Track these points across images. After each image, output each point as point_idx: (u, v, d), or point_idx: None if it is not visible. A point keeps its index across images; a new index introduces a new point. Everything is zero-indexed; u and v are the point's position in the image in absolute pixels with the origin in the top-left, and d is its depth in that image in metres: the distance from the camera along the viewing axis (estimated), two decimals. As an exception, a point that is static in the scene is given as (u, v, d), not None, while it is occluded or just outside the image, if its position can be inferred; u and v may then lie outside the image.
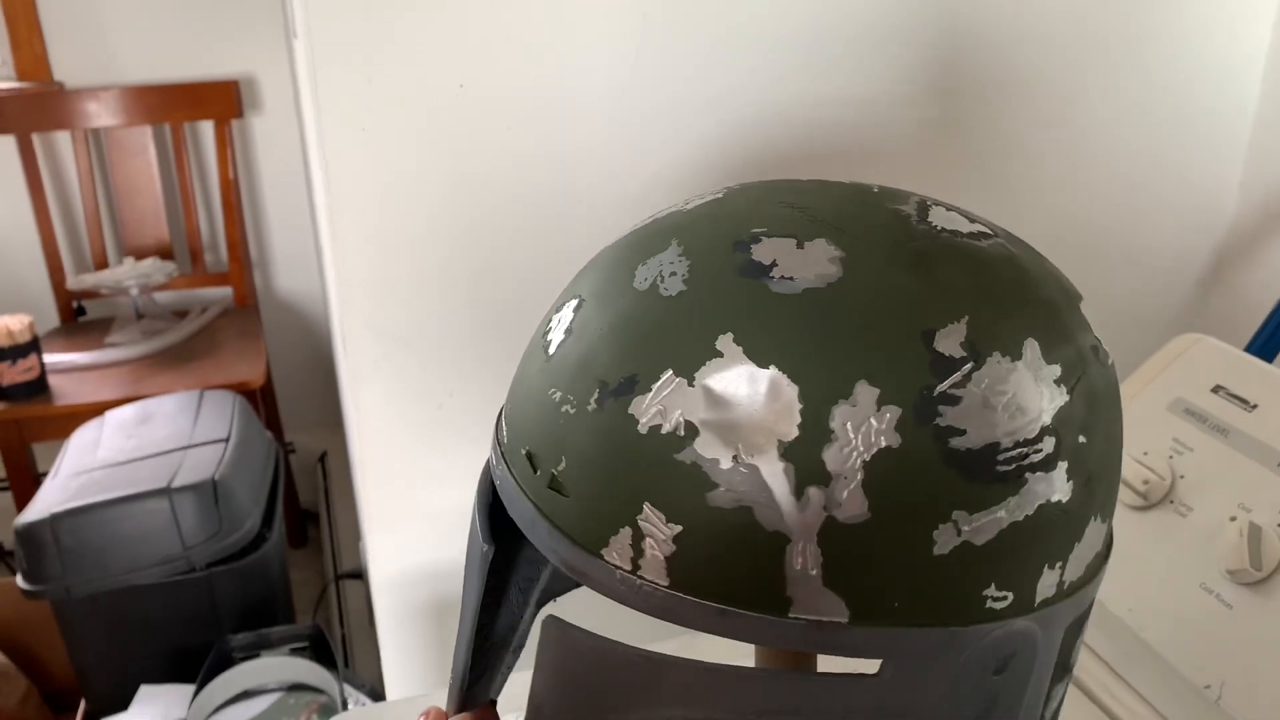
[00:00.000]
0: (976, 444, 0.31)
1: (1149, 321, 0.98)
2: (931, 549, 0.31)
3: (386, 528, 0.83)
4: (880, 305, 0.32)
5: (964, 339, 0.32)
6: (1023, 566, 0.33)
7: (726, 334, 0.32)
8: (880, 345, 0.32)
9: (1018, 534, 0.32)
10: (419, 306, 0.76)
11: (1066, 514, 0.33)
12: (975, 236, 0.36)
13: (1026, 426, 0.32)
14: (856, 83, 0.80)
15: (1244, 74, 0.92)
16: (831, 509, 0.31)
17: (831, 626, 0.31)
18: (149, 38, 1.96)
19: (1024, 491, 0.32)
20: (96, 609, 1.34)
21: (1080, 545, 0.34)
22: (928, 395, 0.31)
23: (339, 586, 1.78)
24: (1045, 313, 0.35)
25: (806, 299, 0.32)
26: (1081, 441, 0.34)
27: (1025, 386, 0.33)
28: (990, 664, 0.33)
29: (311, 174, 1.33)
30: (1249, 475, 0.61)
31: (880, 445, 0.31)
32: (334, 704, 1.29)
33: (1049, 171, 0.90)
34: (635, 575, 0.33)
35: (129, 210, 2.00)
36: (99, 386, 1.74)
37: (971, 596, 0.32)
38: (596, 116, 0.75)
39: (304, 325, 2.22)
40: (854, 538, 0.31)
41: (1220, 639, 0.58)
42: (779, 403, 0.31)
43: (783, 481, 0.31)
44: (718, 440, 0.32)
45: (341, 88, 0.69)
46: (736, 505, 0.31)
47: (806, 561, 0.31)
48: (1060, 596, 0.34)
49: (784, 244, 0.34)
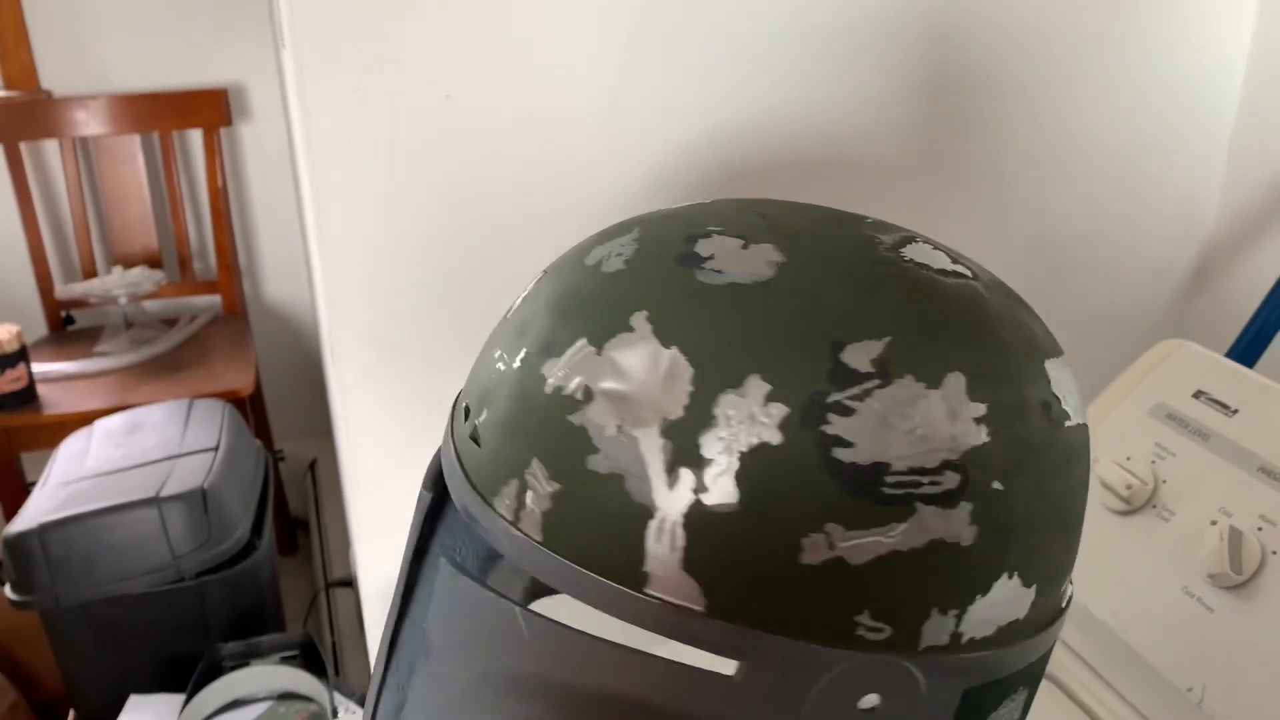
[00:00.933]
0: (863, 460, 0.31)
1: (1131, 327, 0.99)
2: (799, 556, 0.31)
3: (375, 535, 0.83)
4: (797, 309, 0.33)
5: (876, 356, 0.32)
6: (905, 601, 0.31)
7: (641, 312, 0.33)
8: (783, 344, 0.32)
9: (901, 564, 0.31)
10: (407, 314, 0.76)
11: (966, 559, 0.32)
12: (946, 274, 0.35)
13: (925, 455, 0.31)
14: (840, 90, 0.81)
15: (1225, 80, 0.93)
16: (700, 493, 0.31)
17: (686, 612, 0.31)
18: (137, 46, 1.96)
19: (912, 521, 0.31)
20: (86, 619, 1.34)
21: (985, 599, 0.32)
22: (818, 400, 0.31)
23: (329, 594, 1.78)
24: (989, 354, 0.33)
25: (727, 291, 0.33)
26: (997, 488, 0.32)
27: (934, 416, 0.31)
28: (854, 695, 0.31)
29: (300, 182, 1.34)
30: (1230, 480, 0.61)
31: (760, 439, 0.31)
32: (324, 713, 1.29)
33: (1031, 178, 0.90)
34: (514, 527, 0.34)
35: (117, 219, 2.00)
36: (87, 396, 1.73)
37: (839, 617, 0.31)
38: (584, 125, 0.75)
39: (293, 333, 2.22)
40: (719, 526, 0.31)
41: (1202, 642, 0.58)
42: (672, 382, 0.32)
43: (658, 457, 0.31)
44: (608, 408, 0.32)
45: (328, 97, 0.70)
46: (610, 472, 0.32)
47: (668, 540, 0.31)
48: (955, 649, 0.32)
49: (730, 243, 0.35)
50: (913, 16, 0.81)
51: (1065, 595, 0.37)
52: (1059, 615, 0.37)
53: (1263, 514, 0.59)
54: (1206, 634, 0.58)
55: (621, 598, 0.32)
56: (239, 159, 2.09)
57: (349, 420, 0.78)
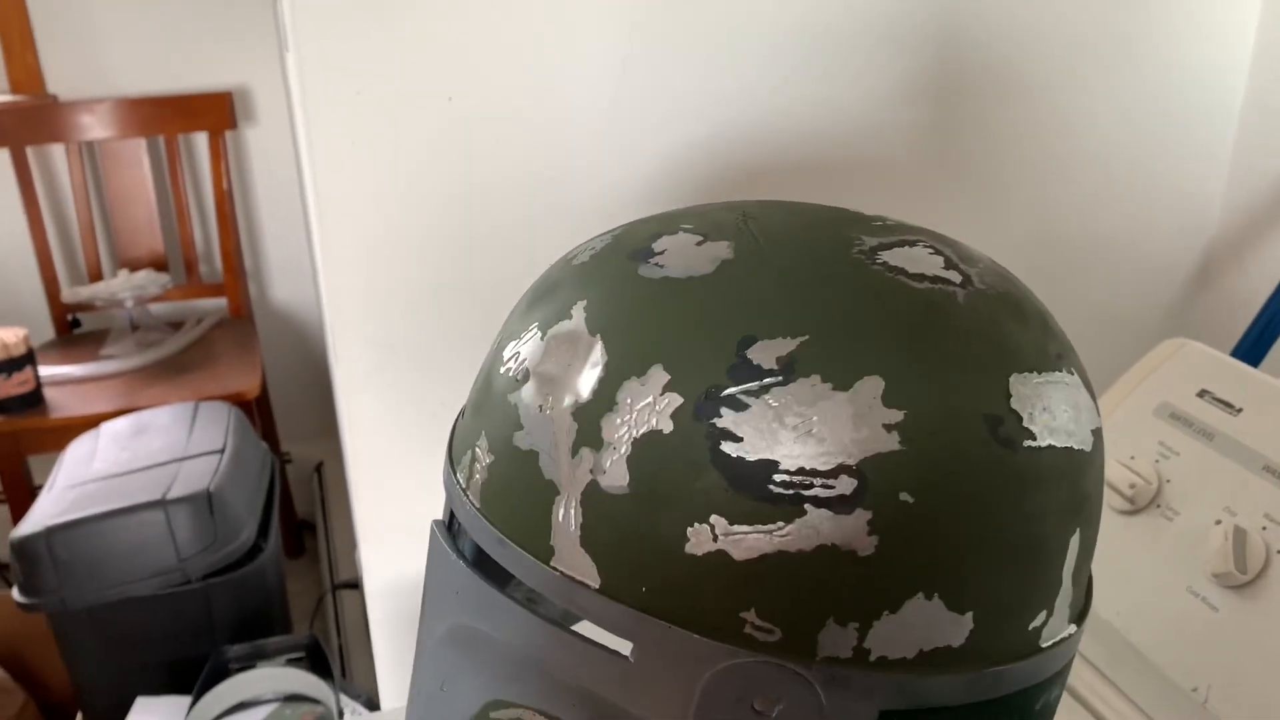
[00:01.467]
0: (750, 455, 0.31)
1: (1136, 326, 0.99)
2: (684, 544, 0.31)
3: (380, 537, 0.83)
4: (717, 304, 0.33)
5: (784, 355, 0.31)
6: (794, 604, 0.31)
7: (581, 301, 0.35)
8: (691, 338, 0.33)
9: (788, 565, 0.30)
10: (410, 316, 0.76)
11: (863, 570, 0.31)
12: (923, 278, 0.34)
13: (820, 457, 0.30)
14: (846, 89, 0.81)
15: (1229, 79, 0.93)
16: (597, 474, 0.32)
17: (582, 587, 0.33)
18: (142, 50, 1.96)
19: (800, 523, 0.30)
20: (93, 621, 1.34)
21: (894, 617, 0.31)
22: (714, 394, 0.31)
23: (335, 597, 1.78)
24: (921, 361, 0.32)
25: (658, 285, 0.34)
26: (905, 500, 0.31)
27: (837, 418, 0.31)
28: (744, 697, 0.31)
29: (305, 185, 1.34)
30: (1234, 479, 0.61)
31: (651, 426, 0.32)
32: (330, 715, 1.29)
33: (1036, 176, 0.90)
34: (464, 493, 0.37)
35: (123, 222, 2.01)
36: (94, 399, 1.74)
37: (725, 611, 0.31)
38: (586, 127, 0.76)
39: (299, 335, 2.23)
40: (611, 507, 0.32)
41: (1207, 642, 0.58)
42: (588, 368, 0.34)
43: (566, 437, 0.33)
44: (537, 389, 0.35)
45: (330, 99, 0.70)
46: (530, 448, 0.34)
47: (569, 517, 0.33)
48: (861, 664, 0.31)
49: (687, 239, 0.36)
50: (916, 18, 0.81)
51: (1042, 633, 0.34)
52: (1032, 653, 0.34)
53: (1267, 513, 0.58)
54: (1211, 634, 0.58)
55: (531, 567, 0.34)
56: (244, 162, 2.09)
57: (352, 422, 0.79)
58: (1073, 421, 0.34)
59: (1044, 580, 0.34)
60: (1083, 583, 0.37)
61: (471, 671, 0.37)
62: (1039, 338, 0.35)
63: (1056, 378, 0.34)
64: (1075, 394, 0.35)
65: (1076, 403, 0.35)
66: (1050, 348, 0.35)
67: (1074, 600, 0.36)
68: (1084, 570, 0.36)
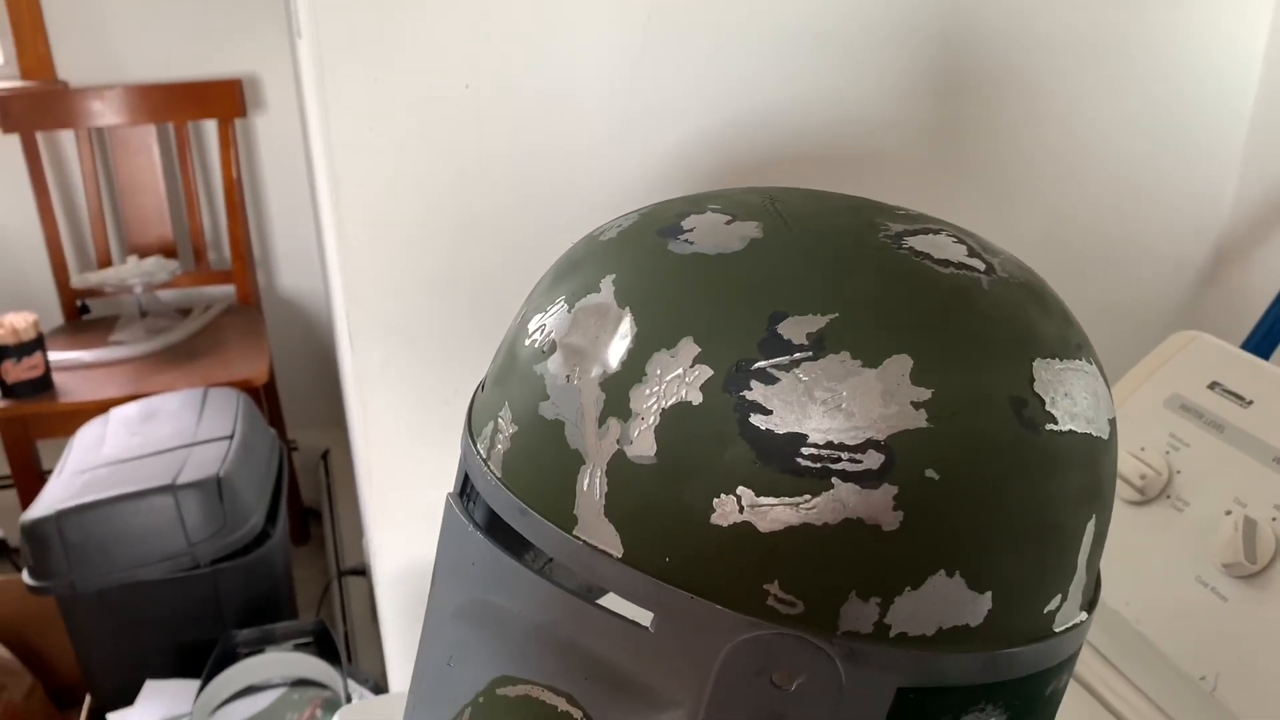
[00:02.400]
0: (779, 428, 0.31)
1: (1147, 320, 0.99)
2: (710, 515, 0.31)
3: (391, 523, 0.84)
4: (748, 280, 0.33)
5: (815, 331, 0.32)
6: (817, 578, 0.31)
7: (610, 275, 0.36)
8: (722, 311, 0.33)
9: (813, 538, 0.31)
10: (424, 304, 0.77)
11: (887, 545, 0.31)
12: (948, 264, 0.35)
13: (849, 432, 0.31)
14: (856, 84, 0.81)
15: (1241, 77, 0.93)
16: (624, 444, 0.32)
17: (604, 556, 0.33)
18: (152, 37, 1.97)
19: (827, 496, 0.31)
20: (102, 605, 1.35)
21: (915, 593, 0.31)
22: (744, 366, 0.32)
23: (341, 583, 1.79)
24: (950, 341, 0.32)
25: (688, 261, 0.35)
26: (930, 477, 0.31)
27: (866, 394, 0.31)
28: (764, 669, 0.32)
29: (315, 172, 1.34)
30: (1244, 470, 0.61)
31: (680, 397, 0.32)
32: (338, 699, 1.30)
33: (1048, 172, 0.90)
34: (485, 464, 0.37)
35: (133, 209, 2.01)
36: (103, 384, 1.75)
37: (748, 582, 0.31)
38: (601, 117, 0.76)
39: (306, 323, 2.23)
40: (638, 477, 0.32)
41: (1215, 631, 0.59)
42: (617, 339, 0.34)
43: (594, 407, 0.33)
44: (564, 360, 0.35)
45: (348, 87, 0.70)
46: (555, 418, 0.34)
47: (594, 486, 0.33)
48: (881, 640, 0.31)
49: (716, 218, 0.36)
50: (926, 15, 0.81)
51: (1056, 618, 0.35)
52: (1045, 636, 0.34)
53: (1277, 504, 0.59)
54: (1220, 623, 0.59)
55: (553, 536, 0.34)
56: (253, 149, 2.10)
57: (365, 409, 0.79)
58: (1092, 409, 0.35)
59: (1060, 564, 0.34)
60: (1095, 571, 0.37)
61: (481, 647, 0.38)
62: (1061, 326, 0.35)
63: (1077, 365, 0.35)
64: (1094, 383, 0.35)
65: (1095, 391, 0.35)
66: (1071, 337, 0.36)
67: (1086, 587, 0.36)
68: (1097, 557, 0.37)
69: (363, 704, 0.75)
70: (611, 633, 0.33)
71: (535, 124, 0.75)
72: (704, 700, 0.32)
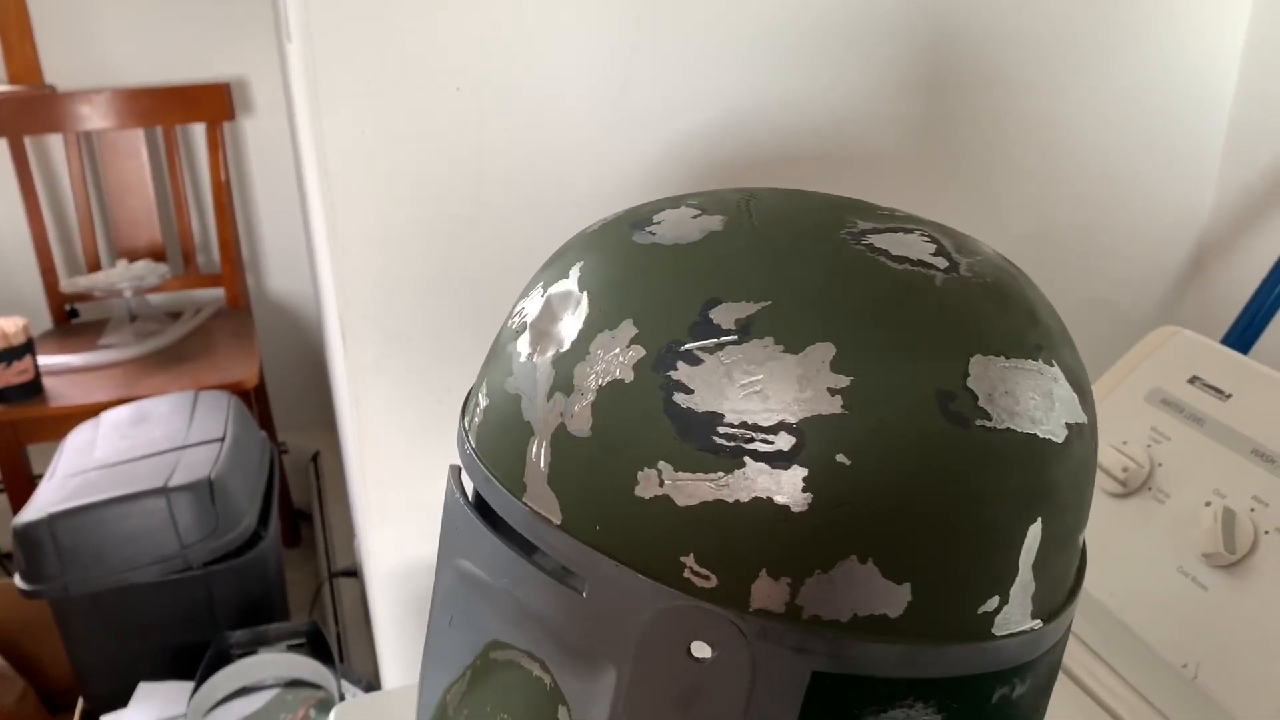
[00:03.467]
0: (699, 407, 0.32)
1: (1127, 315, 1.00)
2: (634, 488, 0.33)
3: (386, 522, 0.85)
4: (690, 269, 0.35)
5: (744, 317, 0.33)
6: (729, 553, 0.32)
7: (579, 263, 0.38)
8: (663, 296, 0.34)
9: (725, 514, 0.32)
10: (418, 303, 0.77)
11: (796, 526, 0.31)
12: (908, 262, 0.35)
13: (762, 413, 0.32)
14: (842, 80, 0.82)
15: (1220, 72, 0.94)
16: (566, 417, 0.35)
17: (546, 522, 0.35)
18: (140, 41, 1.97)
19: (739, 474, 0.32)
20: (94, 608, 1.35)
21: (825, 577, 0.32)
22: (673, 348, 0.33)
23: (333, 585, 1.79)
24: (879, 333, 0.33)
25: (645, 250, 0.37)
26: (841, 462, 0.31)
27: (783, 378, 0.32)
28: (682, 640, 0.32)
29: (305, 175, 1.34)
30: (1224, 462, 0.63)
31: (615, 375, 0.34)
32: (331, 699, 1.30)
33: (1029, 168, 0.91)
34: (466, 436, 0.40)
35: (121, 212, 2.01)
36: (93, 388, 1.75)
37: (667, 554, 0.32)
38: (592, 116, 0.77)
39: (296, 326, 2.24)
40: (576, 449, 0.34)
41: (1197, 620, 0.60)
42: (572, 320, 0.36)
43: (545, 383, 0.36)
44: (529, 340, 0.37)
45: (340, 89, 0.71)
46: (515, 392, 0.37)
47: (540, 456, 0.35)
48: (793, 620, 0.32)
49: (686, 213, 0.38)
50: (912, 11, 0.82)
51: (994, 620, 0.34)
52: (981, 639, 0.34)
53: (1256, 495, 0.60)
54: (1201, 612, 0.60)
55: (507, 501, 0.36)
56: (242, 153, 2.10)
57: (360, 409, 0.80)
58: (1041, 410, 0.34)
59: (993, 564, 0.33)
60: (1052, 577, 0.36)
61: (474, 610, 0.40)
62: (1018, 326, 0.35)
63: (1029, 365, 0.34)
64: (1049, 384, 0.35)
65: (1049, 393, 0.34)
66: (1030, 337, 0.35)
67: (1039, 594, 0.35)
68: (1052, 564, 0.35)
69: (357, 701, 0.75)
70: (556, 597, 0.35)
71: (527, 125, 0.75)
72: (628, 667, 0.33)
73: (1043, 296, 0.38)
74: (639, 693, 0.33)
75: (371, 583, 0.90)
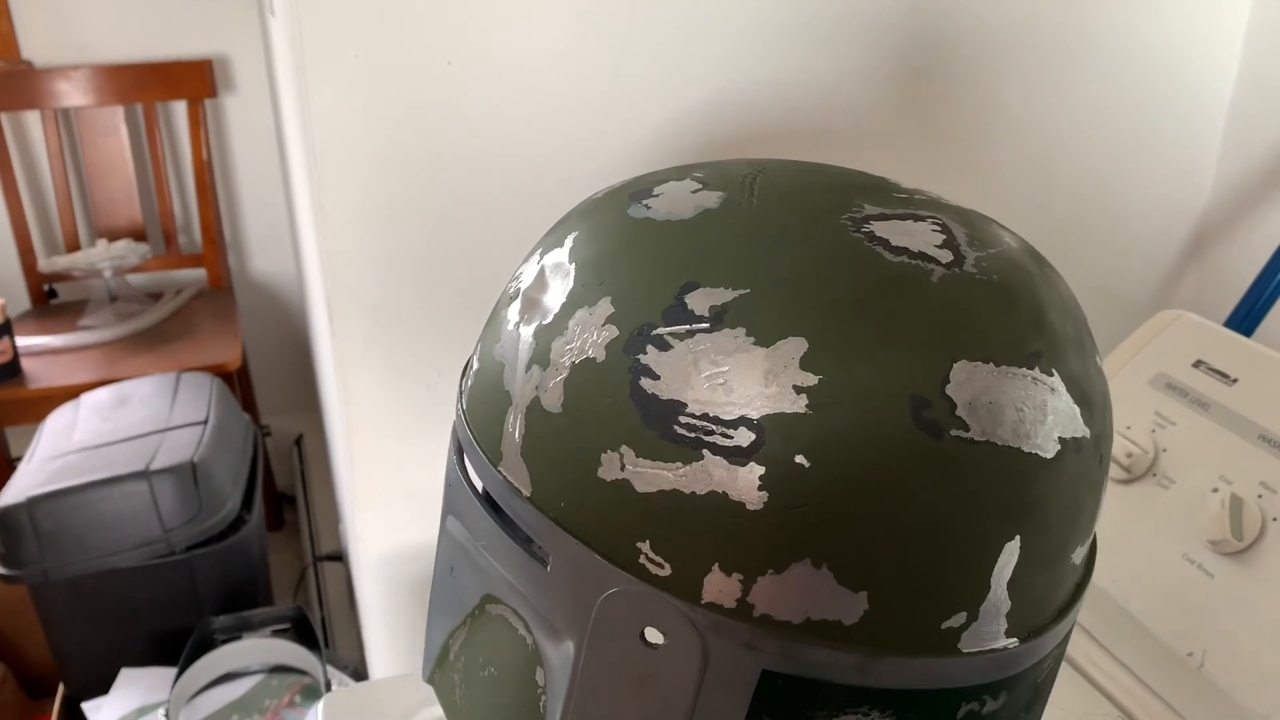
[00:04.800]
0: (663, 394, 0.32)
1: (1129, 299, 1.00)
2: (597, 469, 0.32)
3: (374, 507, 0.83)
4: (674, 249, 0.34)
5: (718, 304, 0.32)
6: (683, 544, 0.31)
7: (574, 233, 0.37)
8: (643, 276, 0.34)
9: (682, 505, 0.31)
10: (406, 284, 0.76)
11: (750, 524, 0.31)
12: (907, 253, 0.33)
13: (724, 406, 0.31)
14: (833, 63, 0.81)
15: (1221, 57, 0.93)
16: (540, 391, 0.34)
17: (517, 493, 0.35)
18: (119, 16, 1.93)
19: (697, 466, 0.31)
20: (75, 593, 1.33)
21: (778, 577, 0.31)
22: (645, 331, 0.32)
23: (318, 569, 1.78)
24: (856, 330, 0.31)
25: (636, 225, 0.36)
26: (800, 464, 0.30)
27: (749, 372, 0.31)
28: (635, 625, 0.32)
29: (289, 153, 1.32)
30: (1230, 448, 0.62)
31: (587, 354, 0.33)
32: (317, 685, 1.29)
33: (1029, 153, 0.90)
34: (460, 396, 0.40)
35: (100, 191, 1.98)
36: (73, 369, 1.72)
37: (624, 538, 0.32)
38: (584, 95, 0.75)
39: (279, 307, 2.21)
40: (546, 424, 0.34)
41: (1202, 608, 0.59)
42: (558, 293, 0.35)
43: (526, 354, 0.35)
44: (519, 308, 0.37)
45: (327, 64, 0.69)
46: (499, 360, 0.37)
47: (515, 426, 0.35)
48: (744, 617, 0.31)
49: (686, 186, 0.37)
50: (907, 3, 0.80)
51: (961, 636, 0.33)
52: (945, 654, 0.32)
53: (1263, 481, 0.59)
54: (1206, 600, 0.59)
55: (484, 468, 0.36)
56: (223, 131, 2.07)
57: (348, 392, 0.78)
58: (1029, 422, 0.32)
59: (960, 580, 0.32)
60: (1033, 595, 0.34)
61: (469, 563, 0.40)
62: (1017, 330, 0.33)
63: (1021, 374, 0.32)
64: (1044, 395, 0.32)
65: (1043, 404, 0.32)
66: (1029, 343, 0.33)
67: (1015, 612, 0.33)
68: (1033, 582, 0.34)
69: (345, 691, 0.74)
70: (524, 566, 0.36)
71: (518, 102, 0.74)
72: (585, 644, 0.33)
73: (1062, 298, 0.36)
74: (593, 670, 0.34)
75: (359, 568, 0.88)
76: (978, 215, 0.37)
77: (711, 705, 0.32)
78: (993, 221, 0.38)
